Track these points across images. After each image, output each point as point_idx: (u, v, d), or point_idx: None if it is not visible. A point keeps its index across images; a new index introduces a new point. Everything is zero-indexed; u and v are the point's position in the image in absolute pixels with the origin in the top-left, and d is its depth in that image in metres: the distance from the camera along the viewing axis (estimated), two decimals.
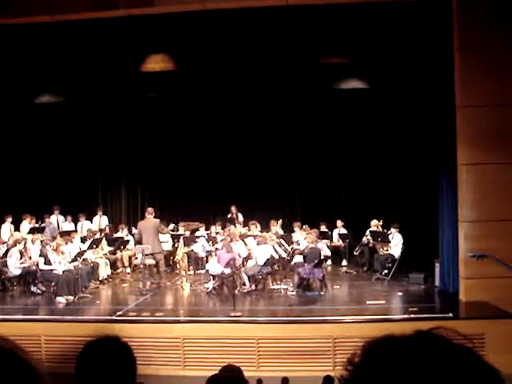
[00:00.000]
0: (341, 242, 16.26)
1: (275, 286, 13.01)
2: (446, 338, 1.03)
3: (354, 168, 17.33)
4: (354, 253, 15.48)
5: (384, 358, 1.01)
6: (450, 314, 10.10)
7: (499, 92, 11.06)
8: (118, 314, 10.83)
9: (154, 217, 13.81)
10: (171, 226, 16.52)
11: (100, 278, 14.17)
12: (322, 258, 12.86)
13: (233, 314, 10.36)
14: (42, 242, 13.62)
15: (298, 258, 13.51)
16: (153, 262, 13.35)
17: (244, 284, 12.68)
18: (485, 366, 1.01)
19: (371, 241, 14.92)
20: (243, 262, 13.13)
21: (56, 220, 17.45)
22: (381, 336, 1.06)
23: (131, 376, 2.19)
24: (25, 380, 1.09)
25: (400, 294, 12.31)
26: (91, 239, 14.69)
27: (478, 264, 10.89)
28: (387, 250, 14.15)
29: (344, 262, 15.88)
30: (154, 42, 13.89)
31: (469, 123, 11.20)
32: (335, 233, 16.60)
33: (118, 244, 15.69)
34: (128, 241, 15.82)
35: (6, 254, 13.38)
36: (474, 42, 11.10)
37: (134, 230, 15.69)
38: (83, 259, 13.53)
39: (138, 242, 13.71)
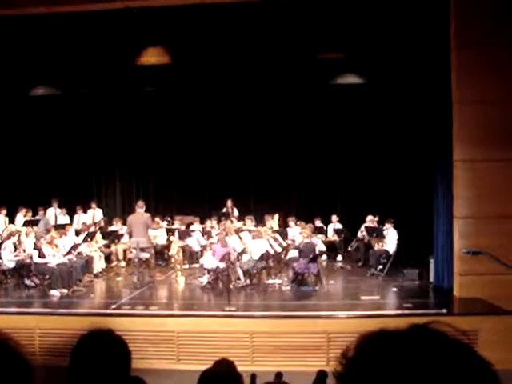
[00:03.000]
0: (336, 237, 16.27)
1: (270, 281, 13.02)
2: (440, 331, 1.03)
3: (350, 163, 17.35)
4: (349, 248, 15.51)
5: (378, 351, 1.00)
6: (444, 310, 10.13)
7: (496, 89, 11.06)
8: (113, 307, 10.82)
9: (146, 210, 13.77)
10: (165, 223, 16.49)
11: (94, 272, 14.14)
12: (317, 253, 12.87)
13: (227, 309, 10.37)
14: (35, 235, 13.60)
15: (293, 253, 13.52)
16: (147, 255, 13.34)
17: (239, 278, 12.67)
18: (479, 360, 1.00)
19: (366, 236, 14.95)
20: (238, 257, 13.13)
21: (54, 213, 17.42)
22: (375, 330, 1.05)
23: (125, 370, 2.18)
24: (16, 371, 1.09)
25: (395, 289, 12.33)
26: (85, 232, 14.68)
27: (472, 260, 10.91)
28: (382, 246, 14.17)
29: (339, 258, 15.89)
30: (150, 35, 13.86)
31: (465, 120, 11.21)
32: (330, 228, 16.63)
33: (113, 237, 15.67)
34: (122, 234, 15.79)
35: None
36: (471, 39, 11.09)
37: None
38: (77, 252, 13.51)
39: (129, 235, 13.70)
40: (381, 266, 13.77)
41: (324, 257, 15.40)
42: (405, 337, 1.02)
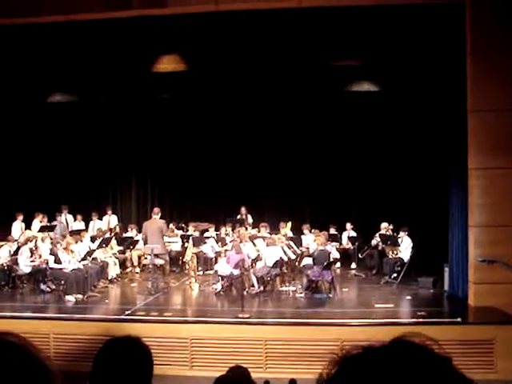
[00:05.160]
0: (350, 245, 16.24)
1: (284, 288, 13.01)
2: (419, 346, 1.02)
3: (365, 171, 17.31)
4: (360, 256, 15.46)
5: (355, 371, 1.01)
6: (459, 319, 10.05)
7: (511, 96, 11.01)
8: (127, 313, 10.86)
9: (161, 217, 13.83)
10: (179, 232, 16.52)
11: (109, 277, 14.21)
12: (331, 260, 12.85)
13: (241, 315, 10.36)
14: (52, 240, 13.71)
15: (307, 260, 13.51)
16: (162, 262, 13.38)
17: (253, 285, 12.68)
18: (457, 375, 1.01)
19: (380, 244, 14.89)
20: (252, 264, 13.14)
21: (65, 219, 17.53)
22: (350, 348, 1.05)
23: (147, 378, 2.20)
24: (36, 376, 1.11)
25: (409, 297, 12.28)
26: (101, 238, 14.76)
27: (487, 269, 10.83)
28: (396, 254, 14.12)
29: (353, 265, 15.85)
30: (165, 42, 13.93)
31: (480, 127, 11.16)
32: (344, 235, 16.60)
33: (128, 243, 15.73)
34: (137, 240, 15.85)
35: (16, 252, 13.46)
36: (487, 46, 11.06)
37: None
38: (93, 258, 13.59)
39: (144, 241, 13.78)
40: (395, 274, 13.72)
41: (338, 264, 15.38)
42: (383, 353, 1.02)
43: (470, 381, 1.01)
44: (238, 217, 17.11)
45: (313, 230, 15.19)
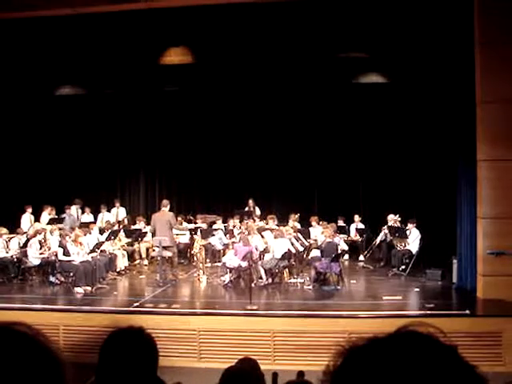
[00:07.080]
0: (358, 237, 16.22)
1: (292, 280, 13.01)
2: (424, 335, 1.02)
3: (372, 163, 17.26)
4: (364, 255, 15.47)
5: (361, 363, 1.01)
6: (467, 311, 10.05)
7: None
8: (135, 305, 10.92)
9: (170, 209, 13.85)
10: (187, 225, 16.53)
11: (117, 270, 14.27)
12: (339, 252, 12.84)
13: (249, 307, 10.39)
14: (60, 232, 13.76)
15: (315, 252, 13.51)
16: (170, 254, 13.41)
17: (261, 277, 12.70)
18: (463, 364, 1.01)
19: (389, 236, 14.87)
20: (260, 256, 13.14)
21: (76, 212, 17.62)
22: (356, 340, 1.05)
23: (152, 368, 2.22)
24: (47, 366, 1.12)
25: (417, 289, 12.27)
26: (109, 231, 14.82)
27: (496, 261, 10.81)
28: (405, 246, 14.10)
29: (361, 257, 15.83)
30: (173, 34, 13.92)
31: (489, 119, 11.09)
32: (352, 227, 16.57)
33: (136, 236, 15.77)
34: (145, 233, 15.89)
35: (26, 244, 13.52)
36: (496, 36, 10.97)
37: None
38: (101, 250, 13.64)
39: (153, 233, 13.82)
40: (403, 266, 13.71)
41: (346, 256, 15.37)
42: (388, 343, 1.02)
43: (475, 369, 1.01)
44: (246, 209, 17.12)
45: (321, 222, 15.15)
